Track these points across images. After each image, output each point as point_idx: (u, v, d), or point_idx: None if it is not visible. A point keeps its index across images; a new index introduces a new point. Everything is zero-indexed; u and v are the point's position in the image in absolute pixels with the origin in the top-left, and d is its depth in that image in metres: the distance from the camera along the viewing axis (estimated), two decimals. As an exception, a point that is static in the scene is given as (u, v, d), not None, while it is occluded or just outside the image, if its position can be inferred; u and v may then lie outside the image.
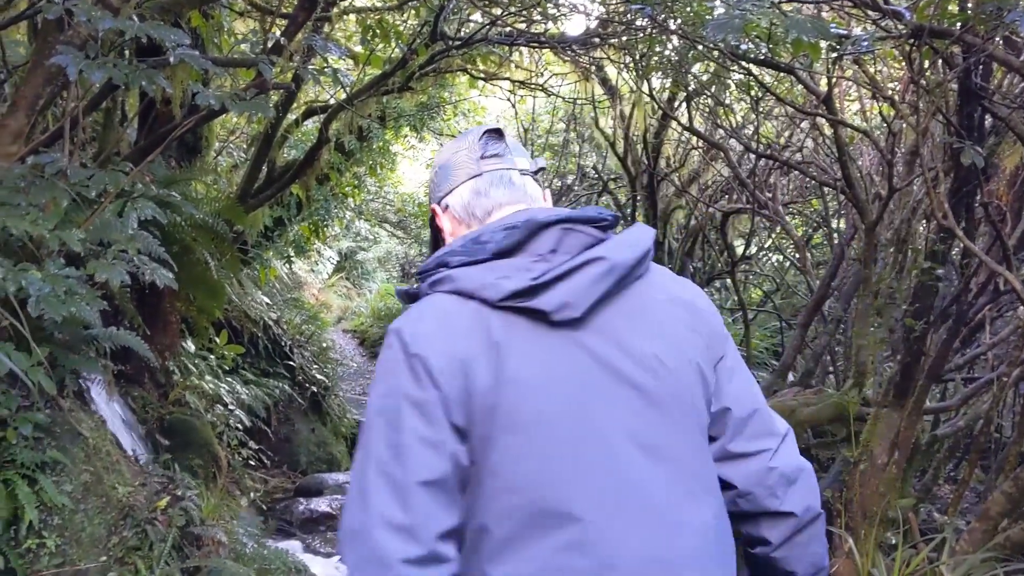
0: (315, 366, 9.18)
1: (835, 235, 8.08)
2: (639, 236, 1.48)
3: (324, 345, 9.88)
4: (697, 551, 1.36)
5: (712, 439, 1.49)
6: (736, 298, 9.06)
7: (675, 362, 1.43)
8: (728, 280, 9.79)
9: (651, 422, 1.38)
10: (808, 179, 8.39)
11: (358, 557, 1.29)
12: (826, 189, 7.86)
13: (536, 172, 1.67)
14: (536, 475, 1.31)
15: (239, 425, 6.92)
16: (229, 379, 7.13)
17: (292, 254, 9.28)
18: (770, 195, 8.14)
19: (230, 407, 6.83)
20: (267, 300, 9.06)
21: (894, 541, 4.92)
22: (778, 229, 9.72)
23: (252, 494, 6.61)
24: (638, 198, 9.56)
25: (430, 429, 1.31)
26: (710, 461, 1.46)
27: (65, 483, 3.55)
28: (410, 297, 1.54)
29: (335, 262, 16.93)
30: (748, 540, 1.54)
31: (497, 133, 1.64)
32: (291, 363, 8.64)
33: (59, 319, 3.42)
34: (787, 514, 1.48)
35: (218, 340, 7.05)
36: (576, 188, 11.47)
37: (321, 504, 6.73)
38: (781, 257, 11.16)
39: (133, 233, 3.96)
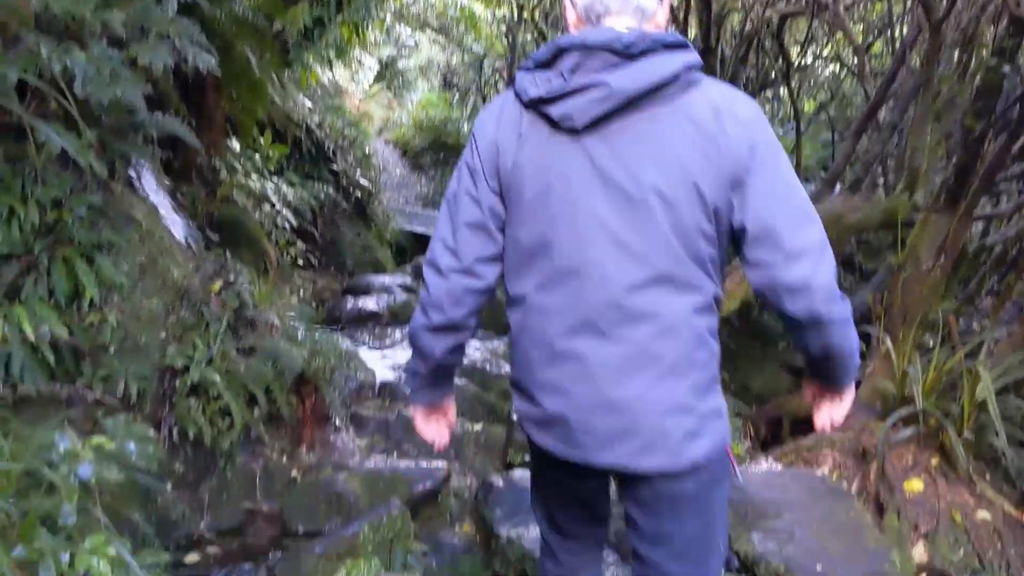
0: (358, 171, 9.20)
1: (897, 41, 7.70)
2: (656, 68, 1.70)
3: (367, 151, 9.84)
4: (652, 327, 1.79)
5: (737, 247, 1.81)
6: (790, 108, 8.79)
7: (671, 182, 1.72)
8: (782, 89, 9.47)
9: (628, 223, 1.75)
10: (874, -22, 7.91)
11: (427, 264, 1.95)
12: (892, -12, 7.41)
13: None
14: (529, 235, 1.84)
15: (286, 225, 7.04)
16: (274, 179, 7.19)
17: (332, 57, 9.08)
18: (831, -3, 7.71)
19: (277, 207, 6.92)
20: (309, 104, 8.97)
21: (932, 344, 4.96)
22: (837, 35, 9.27)
23: (301, 291, 6.81)
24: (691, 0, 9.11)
25: (474, 188, 1.88)
26: (690, 266, 1.78)
27: (122, 263, 3.67)
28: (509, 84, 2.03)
29: (375, 71, 16.60)
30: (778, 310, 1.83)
31: None
32: (334, 167, 8.66)
33: (105, 101, 3.43)
34: (791, 315, 1.77)
35: (262, 140, 7.05)
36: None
37: (368, 303, 6.92)
38: (838, 66, 10.70)
39: (173, 17, 3.88)
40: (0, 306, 3.30)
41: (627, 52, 1.69)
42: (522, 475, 3.72)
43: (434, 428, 2.20)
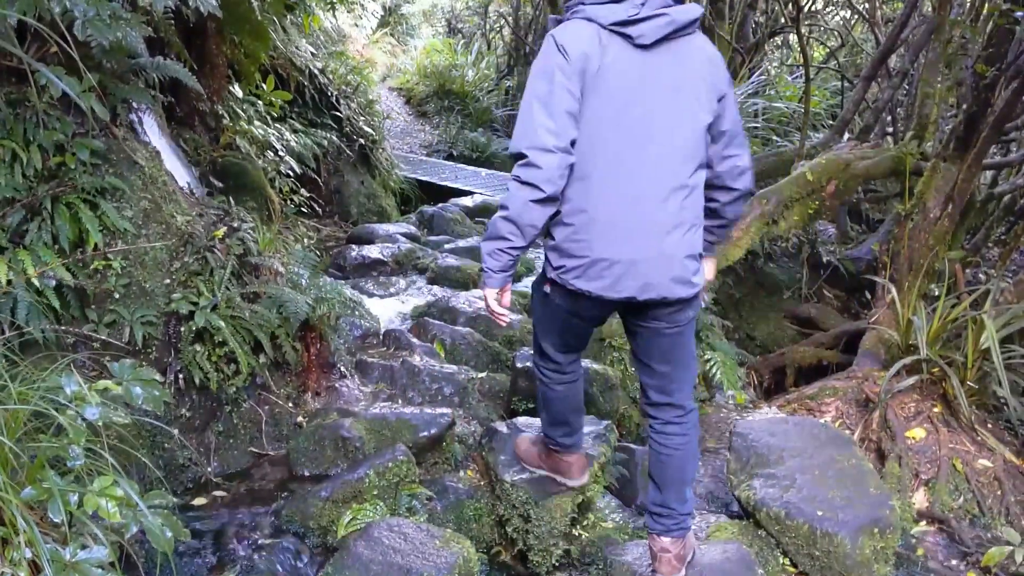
0: (362, 118, 9.12)
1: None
2: (693, 8, 2.57)
3: (371, 98, 9.74)
4: (682, 197, 2.60)
5: (713, 142, 2.67)
6: (799, 55, 8.66)
7: (699, 89, 2.59)
8: (791, 36, 9.32)
9: (675, 114, 2.57)
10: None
11: (528, 145, 2.47)
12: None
13: None
14: (598, 131, 2.53)
15: (290, 172, 6.99)
16: (277, 126, 7.13)
17: (335, 1, 8.94)
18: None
19: (280, 154, 6.87)
20: (312, 50, 8.86)
21: (937, 293, 4.95)
22: (849, -21, 9.11)
23: (305, 239, 6.79)
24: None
25: (568, 83, 2.47)
26: (703, 151, 2.64)
27: (125, 209, 3.65)
28: (557, 23, 2.63)
29: (379, 17, 16.37)
30: (708, 199, 2.74)
31: None
32: (338, 114, 8.58)
33: (106, 44, 3.38)
34: (735, 189, 2.74)
35: (265, 86, 6.98)
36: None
37: (373, 251, 6.90)
38: (849, 12, 10.53)
39: (173, -43, 3.81)
40: (4, 251, 3.30)
41: None
42: (526, 421, 3.75)
43: (504, 308, 2.77)
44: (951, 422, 4.20)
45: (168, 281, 3.73)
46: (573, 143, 2.48)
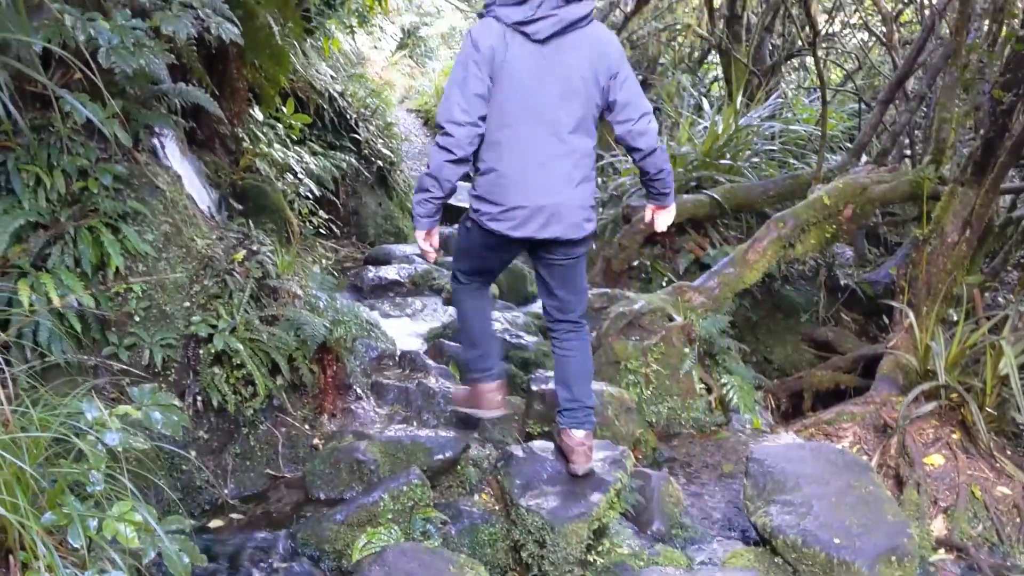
0: (380, 141, 9.19)
1: (926, 10, 7.55)
2: (580, 9, 3.18)
3: (389, 121, 9.82)
4: (574, 158, 3.28)
5: (609, 111, 3.32)
6: (816, 77, 8.67)
7: (584, 72, 3.21)
8: (808, 58, 9.33)
9: (569, 101, 3.22)
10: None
11: (445, 119, 3.13)
12: (923, -45, 7.26)
13: None
14: (505, 109, 3.18)
15: (309, 194, 7.06)
16: (297, 149, 7.20)
17: (355, 24, 9.05)
18: (861, -37, 7.58)
19: (299, 176, 6.94)
20: (331, 73, 8.95)
21: (956, 318, 4.92)
22: (866, 2, 9.12)
23: (323, 261, 6.84)
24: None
25: (479, 71, 3.12)
26: (593, 123, 3.32)
27: (147, 232, 3.70)
28: (479, 16, 3.27)
29: (398, 39, 16.52)
30: (632, 159, 3.45)
31: None
32: (357, 136, 8.65)
33: (130, 71, 3.45)
34: (639, 149, 3.33)
35: (284, 109, 7.06)
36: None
37: (390, 272, 6.93)
38: (866, 35, 10.53)
39: (196, -15, 3.88)
40: (27, 275, 3.35)
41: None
42: (542, 445, 3.75)
43: (430, 244, 3.46)
44: (970, 449, 4.17)
45: (188, 304, 3.77)
46: (483, 118, 3.17)
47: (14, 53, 3.41)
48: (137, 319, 3.62)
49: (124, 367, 3.51)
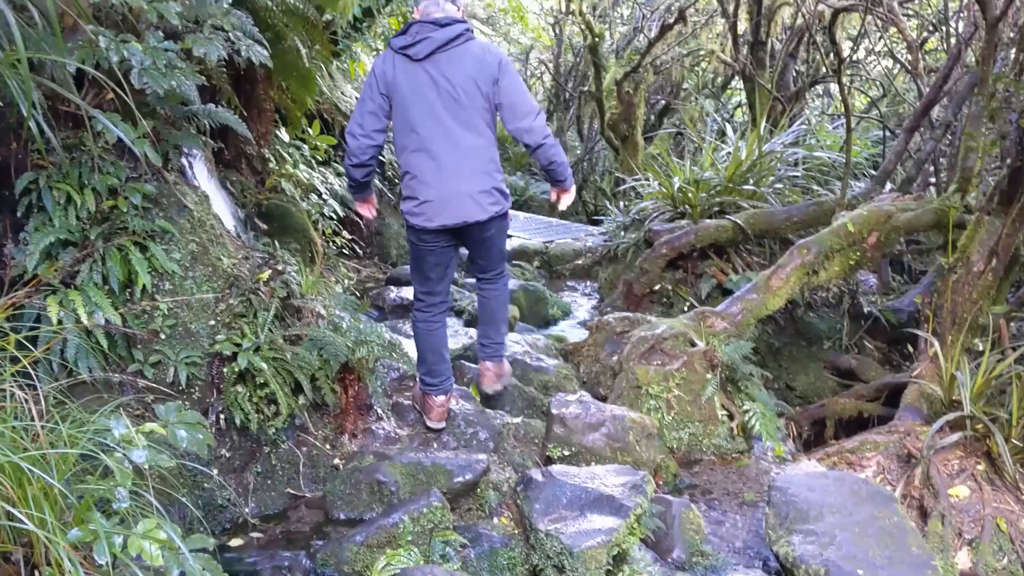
0: (404, 162, 9.24)
1: (952, 38, 7.54)
2: (452, 31, 3.82)
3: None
4: (464, 154, 3.90)
5: (499, 112, 3.96)
6: (840, 104, 8.65)
7: (467, 83, 3.83)
8: (832, 84, 9.32)
9: (452, 107, 3.85)
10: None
11: (347, 132, 3.98)
12: (949, -17, 7.26)
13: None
14: (404, 119, 3.90)
15: (332, 215, 7.11)
16: (322, 169, 7.26)
17: (380, 47, 9.14)
18: (886, -9, 7.57)
19: (323, 196, 6.99)
20: (356, 94, 9.03)
21: (982, 348, 4.88)
22: (891, 30, 9.11)
23: (346, 280, 6.88)
24: (741, -7, 9.02)
25: (374, 94, 3.90)
26: (481, 123, 3.92)
27: (174, 251, 3.74)
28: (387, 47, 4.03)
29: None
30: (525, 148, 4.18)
31: None
32: (381, 157, 8.71)
33: (161, 92, 3.50)
34: (528, 144, 4.02)
35: (310, 131, 7.13)
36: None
37: (411, 293, 6.96)
38: (891, 62, 10.52)
39: (228, 8, 3.94)
40: (56, 292, 3.39)
41: (439, 24, 3.83)
42: (561, 470, 3.74)
43: (367, 208, 4.49)
44: (995, 480, 4.12)
45: (213, 322, 3.80)
46: (380, 131, 3.97)
47: (49, 73, 3.47)
48: (163, 337, 3.65)
49: (148, 384, 3.54)
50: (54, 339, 3.24)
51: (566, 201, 4.42)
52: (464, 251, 4.47)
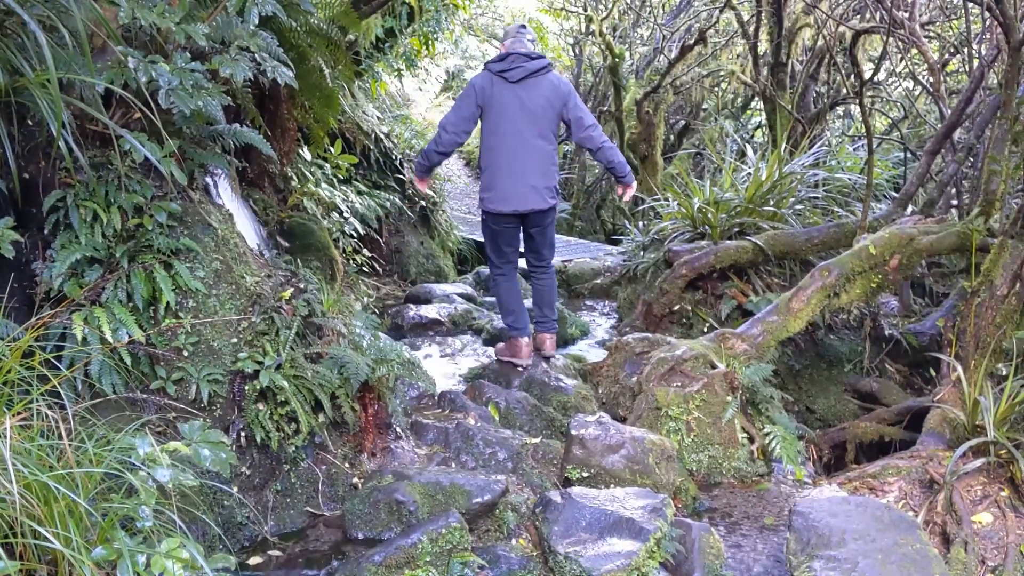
0: (424, 181, 9.30)
1: (974, 60, 7.52)
2: (538, 63, 5.25)
3: (433, 161, 9.94)
4: (532, 156, 5.29)
5: (569, 126, 5.42)
6: (861, 125, 8.63)
7: (544, 103, 5.26)
8: (853, 106, 9.30)
9: (530, 120, 5.25)
10: (952, -5, 7.73)
11: (441, 125, 5.34)
12: (971, 5, 7.24)
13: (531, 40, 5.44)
14: (494, 125, 5.27)
15: (353, 233, 7.16)
16: (343, 188, 7.31)
17: (403, 67, 9.22)
18: (906, 14, 7.58)
19: (345, 215, 7.04)
20: (378, 114, 9.11)
21: (1005, 372, 4.83)
22: (912, 52, 9.09)
23: (365, 298, 6.91)
24: (762, 14, 9.04)
25: (471, 103, 5.27)
26: (551, 134, 5.36)
27: (198, 269, 3.78)
28: (484, 68, 5.44)
29: (442, 81, 16.79)
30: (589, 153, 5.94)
31: (523, 27, 5.50)
32: (401, 176, 8.78)
33: (188, 112, 3.54)
34: (591, 149, 5.50)
35: (332, 150, 7.18)
36: (695, 3, 10.89)
37: (430, 311, 6.99)
38: (912, 84, 10.48)
39: (254, 30, 3.99)
40: (82, 309, 3.43)
41: (530, 56, 5.22)
42: (581, 492, 3.73)
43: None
44: (1019, 507, 4.06)
45: (235, 340, 3.83)
46: (467, 132, 5.25)
47: (78, 93, 3.53)
48: (185, 354, 3.68)
49: (170, 401, 3.56)
50: (85, 359, 3.27)
51: (629, 194, 5.62)
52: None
